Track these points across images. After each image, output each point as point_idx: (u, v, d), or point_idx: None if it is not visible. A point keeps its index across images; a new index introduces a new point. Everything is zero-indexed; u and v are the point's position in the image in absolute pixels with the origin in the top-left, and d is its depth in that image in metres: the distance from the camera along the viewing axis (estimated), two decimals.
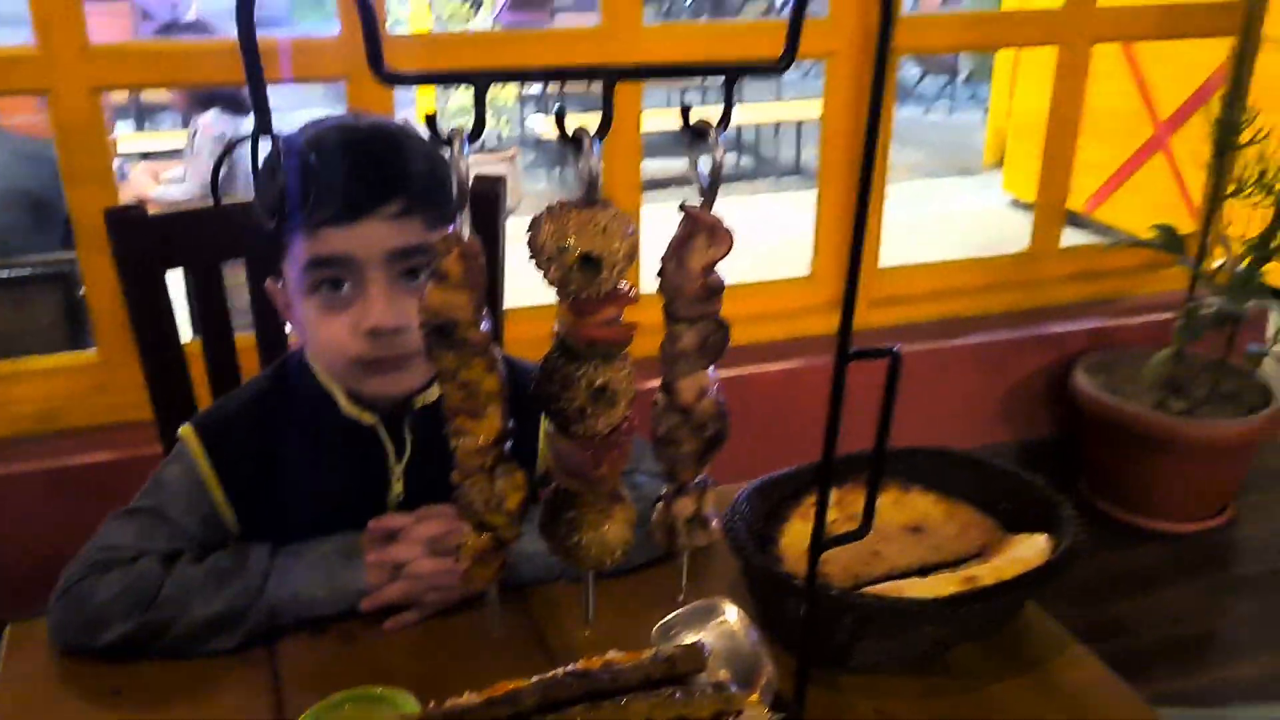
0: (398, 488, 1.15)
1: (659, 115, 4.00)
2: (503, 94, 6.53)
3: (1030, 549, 1.04)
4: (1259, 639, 2.42)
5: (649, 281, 0.77)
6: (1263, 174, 2.53)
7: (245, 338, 1.39)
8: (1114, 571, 2.62)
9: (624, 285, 0.70)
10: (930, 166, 7.33)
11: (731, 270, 0.76)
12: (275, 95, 0.68)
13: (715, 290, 0.73)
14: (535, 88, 7.53)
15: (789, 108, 7.58)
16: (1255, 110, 2.49)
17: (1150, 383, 2.78)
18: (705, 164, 0.70)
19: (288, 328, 1.33)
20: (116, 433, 2.18)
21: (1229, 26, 2.77)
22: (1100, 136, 5.28)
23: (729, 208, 0.70)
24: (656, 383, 0.77)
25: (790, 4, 0.69)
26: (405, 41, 2.73)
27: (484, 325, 0.67)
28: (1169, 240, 2.70)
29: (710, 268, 0.72)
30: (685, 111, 0.69)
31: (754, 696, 0.88)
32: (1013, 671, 1.03)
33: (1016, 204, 6.13)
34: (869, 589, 1.01)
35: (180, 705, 1.00)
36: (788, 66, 0.70)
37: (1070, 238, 3.36)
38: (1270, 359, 2.70)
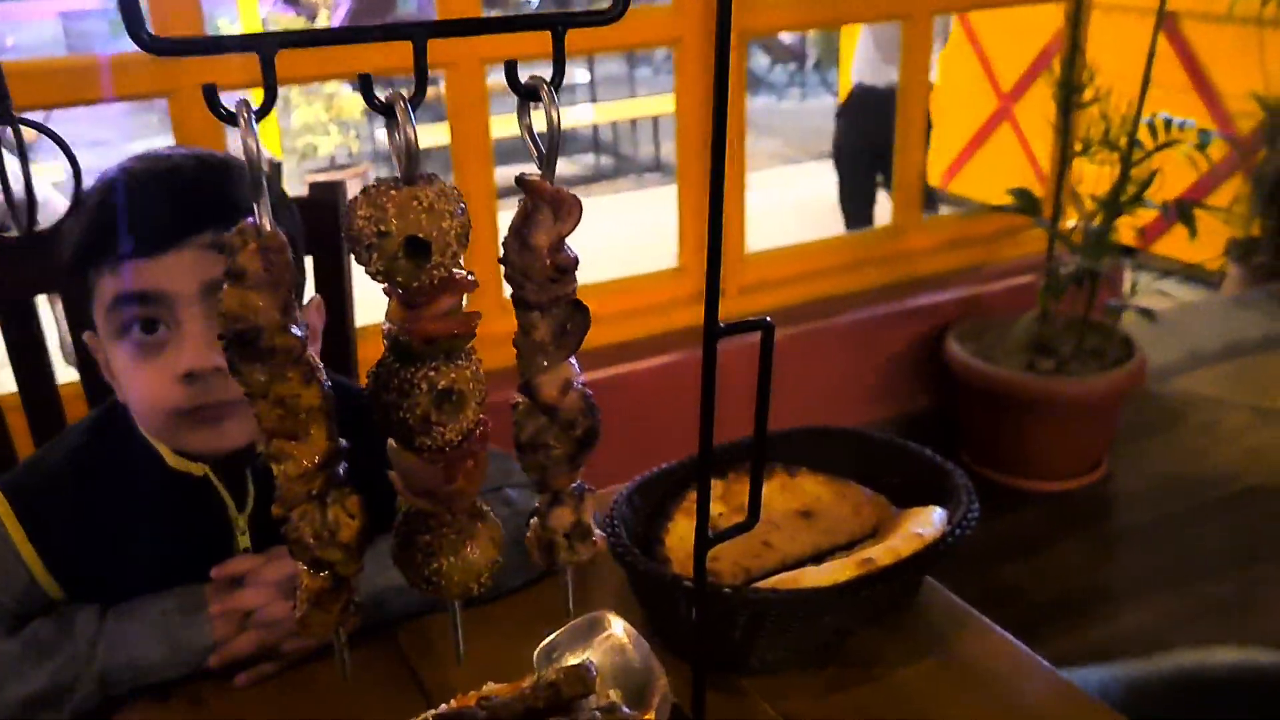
0: (244, 541, 1.04)
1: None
2: (348, 107, 6.32)
3: (924, 523, 0.99)
4: (1143, 588, 2.47)
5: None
6: (1106, 131, 2.58)
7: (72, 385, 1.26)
8: (1000, 536, 2.64)
9: (460, 272, 0.62)
10: (789, 153, 7.40)
11: (599, 269, 0.68)
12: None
13: (566, 269, 0.65)
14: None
15: (644, 104, 7.54)
16: (1094, 69, 2.54)
17: (1019, 345, 2.82)
18: (540, 124, 0.62)
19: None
20: None
21: None
22: (950, 113, 5.41)
23: (592, 209, 0.62)
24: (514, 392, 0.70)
25: None
26: None
27: (296, 330, 0.57)
28: (1025, 203, 2.74)
29: (559, 244, 0.65)
30: (511, 68, 0.61)
31: (649, 715, 0.81)
32: (916, 653, 0.99)
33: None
34: (762, 583, 0.94)
35: None
36: (620, 15, 0.63)
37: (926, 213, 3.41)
38: (1130, 313, 2.76)
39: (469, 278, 0.62)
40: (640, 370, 2.66)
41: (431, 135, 4.35)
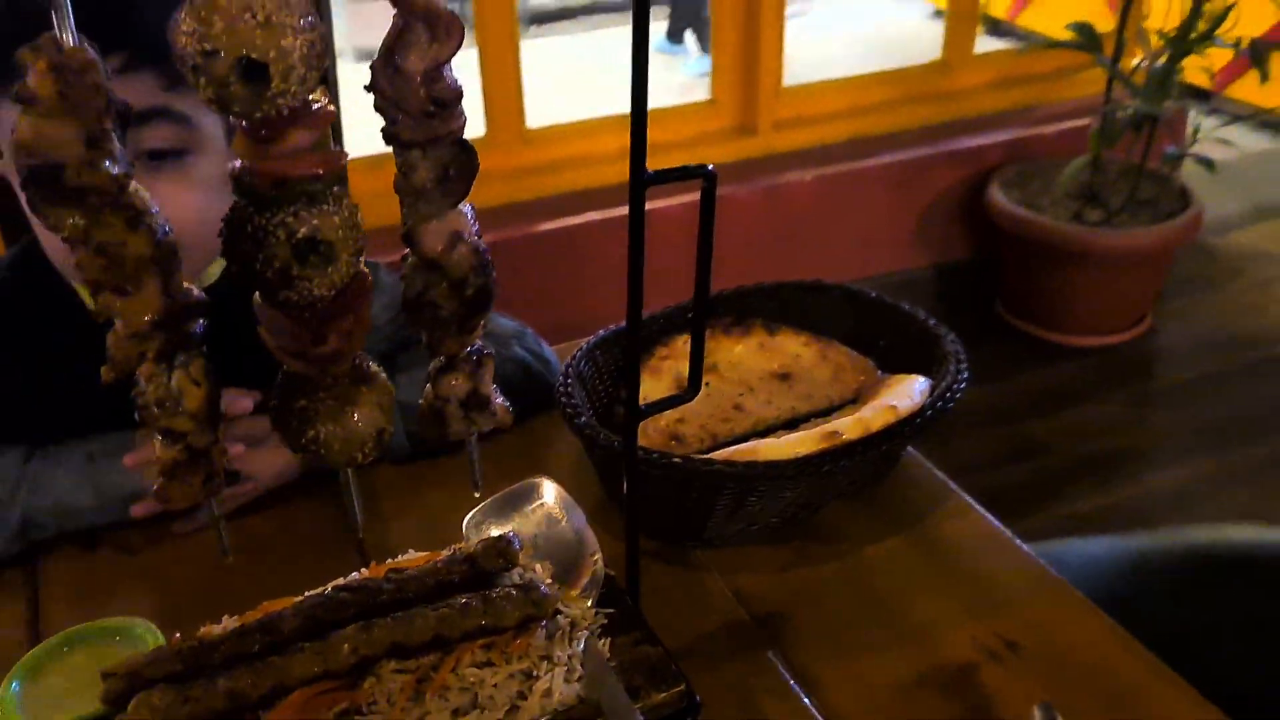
0: None
1: None
2: None
3: (903, 393, 0.91)
4: (1178, 449, 2.37)
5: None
6: None
7: None
8: (1032, 390, 2.55)
9: (318, 101, 0.53)
10: None
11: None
12: None
13: (447, 101, 0.56)
14: None
15: None
16: None
17: (1066, 193, 2.65)
18: None
19: None
20: None
21: None
22: None
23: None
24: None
25: None
26: None
27: (112, 166, 0.49)
28: (1086, 38, 2.53)
29: (436, 71, 0.55)
30: None
31: (574, 591, 0.75)
32: (886, 530, 0.92)
33: (939, 15, 5.87)
34: (717, 454, 0.87)
35: None
36: None
37: (992, 46, 3.18)
38: (1189, 161, 2.57)
39: (329, 109, 0.53)
40: (667, 208, 2.54)
41: None
